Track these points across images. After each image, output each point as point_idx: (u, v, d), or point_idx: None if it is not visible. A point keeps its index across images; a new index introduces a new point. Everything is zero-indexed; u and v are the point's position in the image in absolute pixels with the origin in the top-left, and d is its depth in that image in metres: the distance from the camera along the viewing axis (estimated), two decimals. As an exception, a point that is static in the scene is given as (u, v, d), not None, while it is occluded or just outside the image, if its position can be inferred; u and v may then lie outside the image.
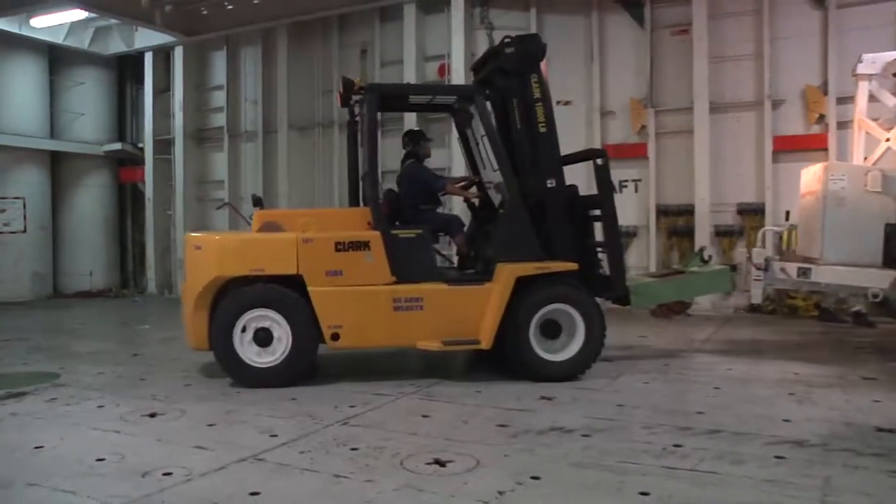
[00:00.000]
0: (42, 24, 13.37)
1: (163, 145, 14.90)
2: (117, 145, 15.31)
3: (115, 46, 14.89)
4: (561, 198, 6.29)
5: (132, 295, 14.99)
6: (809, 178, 7.38)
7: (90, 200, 15.31)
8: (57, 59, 14.83)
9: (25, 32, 13.54)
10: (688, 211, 10.73)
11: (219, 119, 14.48)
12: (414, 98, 7.23)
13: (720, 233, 10.61)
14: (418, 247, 6.10)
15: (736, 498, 3.40)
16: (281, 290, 5.84)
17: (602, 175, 6.28)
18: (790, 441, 4.21)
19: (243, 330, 5.82)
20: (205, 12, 12.98)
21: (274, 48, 13.63)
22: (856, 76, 8.11)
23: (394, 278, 5.93)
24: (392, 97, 7.06)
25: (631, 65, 11.21)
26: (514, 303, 5.88)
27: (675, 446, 4.14)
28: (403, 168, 6.88)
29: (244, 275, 5.87)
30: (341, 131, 12.43)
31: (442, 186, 6.78)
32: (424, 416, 4.93)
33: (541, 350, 5.96)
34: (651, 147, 10.98)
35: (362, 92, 6.32)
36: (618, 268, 6.36)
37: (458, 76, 11.33)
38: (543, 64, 6.42)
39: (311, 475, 3.76)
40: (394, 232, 6.07)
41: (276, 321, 5.83)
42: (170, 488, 3.57)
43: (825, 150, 9.84)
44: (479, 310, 5.90)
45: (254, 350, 5.85)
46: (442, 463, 3.89)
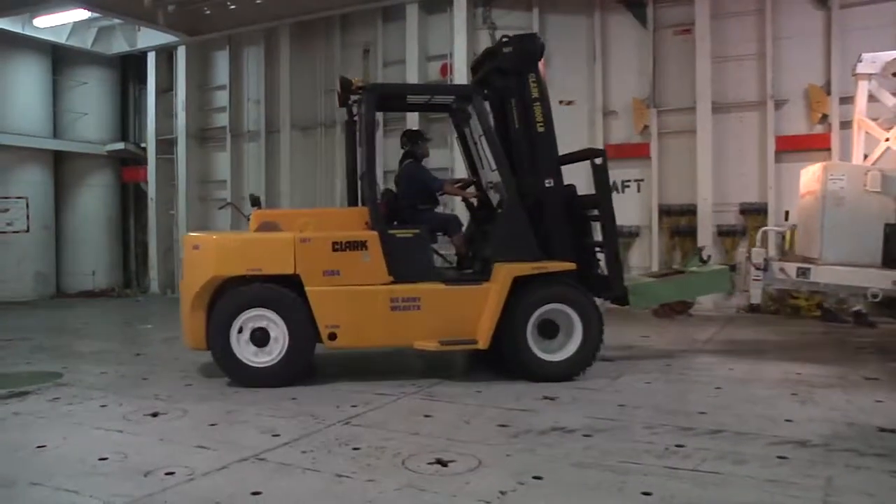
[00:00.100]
0: (45, 24, 13.37)
1: (165, 145, 14.92)
2: (120, 145, 15.32)
3: (118, 46, 14.90)
4: (559, 197, 6.29)
5: (135, 295, 15.00)
6: (809, 178, 7.36)
7: (93, 200, 15.32)
8: (60, 59, 14.83)
9: (29, 32, 13.54)
10: (690, 211, 10.71)
11: (221, 119, 14.48)
12: (412, 98, 7.24)
13: (723, 233, 10.59)
14: (415, 247, 6.09)
15: (738, 498, 3.40)
16: (278, 290, 5.83)
17: (600, 175, 6.27)
18: (792, 441, 4.21)
19: (240, 330, 5.81)
20: (207, 12, 12.97)
21: (276, 48, 13.63)
22: (855, 76, 8.08)
23: (391, 278, 5.92)
24: (390, 97, 7.07)
25: (633, 65, 11.19)
26: (512, 303, 5.87)
27: (677, 446, 4.14)
28: (402, 168, 6.89)
29: (241, 274, 5.87)
30: (343, 131, 12.37)
31: (440, 186, 6.78)
32: (426, 416, 4.93)
33: (538, 350, 5.95)
34: (653, 147, 10.95)
35: (360, 92, 6.31)
36: (615, 268, 6.35)
37: (461, 76, 11.32)
38: (541, 63, 6.42)
39: (313, 475, 3.76)
40: (391, 232, 6.07)
41: (273, 321, 5.82)
42: (172, 488, 3.58)
43: (828, 150, 9.80)
44: (477, 310, 5.89)
45: (251, 350, 5.84)
46: (444, 463, 3.89)
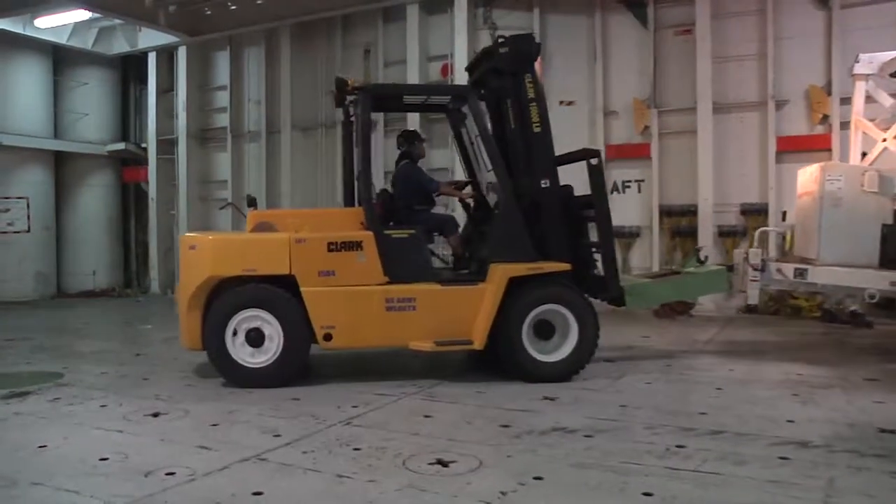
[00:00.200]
0: (46, 25, 13.39)
1: (166, 145, 14.93)
2: (121, 145, 15.33)
3: (119, 47, 14.91)
4: (555, 198, 6.27)
5: (135, 295, 15.01)
6: (806, 179, 7.35)
7: (94, 200, 15.33)
8: (61, 60, 14.84)
9: (29, 33, 13.56)
10: (691, 211, 10.71)
11: (222, 119, 14.50)
12: (408, 98, 7.22)
13: (723, 233, 10.59)
14: (411, 247, 6.09)
15: (739, 499, 3.40)
16: (273, 290, 5.82)
17: (595, 175, 6.25)
18: (793, 442, 4.20)
19: (235, 331, 5.81)
20: (208, 12, 12.98)
21: (277, 48, 13.65)
22: (853, 76, 8.07)
23: (386, 278, 5.92)
24: (386, 97, 7.07)
25: (634, 65, 11.20)
26: (507, 303, 5.85)
27: (678, 447, 4.14)
28: (398, 168, 6.90)
29: (237, 275, 5.86)
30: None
31: (436, 188, 6.79)
32: (427, 417, 4.93)
33: (533, 351, 5.93)
34: (654, 147, 10.96)
35: (356, 92, 6.31)
36: (611, 268, 6.32)
37: (461, 76, 11.28)
38: (538, 64, 6.42)
39: (314, 475, 3.76)
40: (386, 232, 6.06)
41: (268, 321, 5.81)
42: (173, 488, 3.58)
43: (829, 151, 9.80)
44: (472, 310, 5.88)
45: (246, 350, 5.84)
46: (444, 463, 3.89)
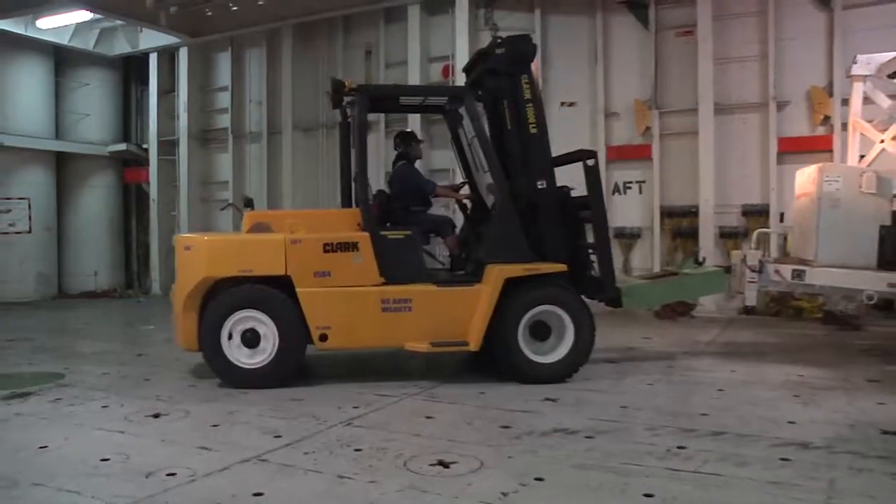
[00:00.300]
0: (48, 26, 13.42)
1: (167, 146, 14.94)
2: (122, 146, 15.34)
3: (120, 47, 14.93)
4: (552, 199, 6.25)
5: (136, 295, 15.02)
6: (804, 180, 7.34)
7: (95, 201, 15.34)
8: (62, 61, 14.86)
9: (31, 34, 13.59)
10: (692, 212, 10.70)
11: (223, 120, 14.50)
12: (405, 99, 7.21)
13: (724, 234, 10.57)
14: (407, 248, 6.09)
15: (740, 500, 3.40)
16: (268, 291, 5.82)
17: (592, 176, 6.24)
18: (795, 443, 4.20)
19: (230, 333, 5.81)
20: (209, 13, 12.98)
21: (278, 49, 13.65)
22: (850, 77, 8.05)
23: (382, 279, 5.92)
24: (383, 99, 7.07)
25: (635, 66, 11.19)
26: (504, 304, 5.85)
27: (679, 448, 4.13)
28: (394, 169, 6.91)
29: (233, 275, 5.86)
30: (344, 132, 12.45)
31: (432, 189, 6.80)
32: (428, 418, 4.93)
33: (529, 352, 5.93)
34: (655, 148, 10.95)
35: (352, 93, 6.31)
36: (608, 269, 6.32)
37: (463, 77, 11.29)
38: (534, 65, 6.41)
39: (315, 476, 3.76)
40: (382, 233, 6.06)
41: (263, 322, 5.81)
42: (174, 489, 3.58)
43: (830, 152, 9.78)
44: (468, 311, 5.87)
45: (242, 351, 5.84)
46: (445, 464, 3.89)
